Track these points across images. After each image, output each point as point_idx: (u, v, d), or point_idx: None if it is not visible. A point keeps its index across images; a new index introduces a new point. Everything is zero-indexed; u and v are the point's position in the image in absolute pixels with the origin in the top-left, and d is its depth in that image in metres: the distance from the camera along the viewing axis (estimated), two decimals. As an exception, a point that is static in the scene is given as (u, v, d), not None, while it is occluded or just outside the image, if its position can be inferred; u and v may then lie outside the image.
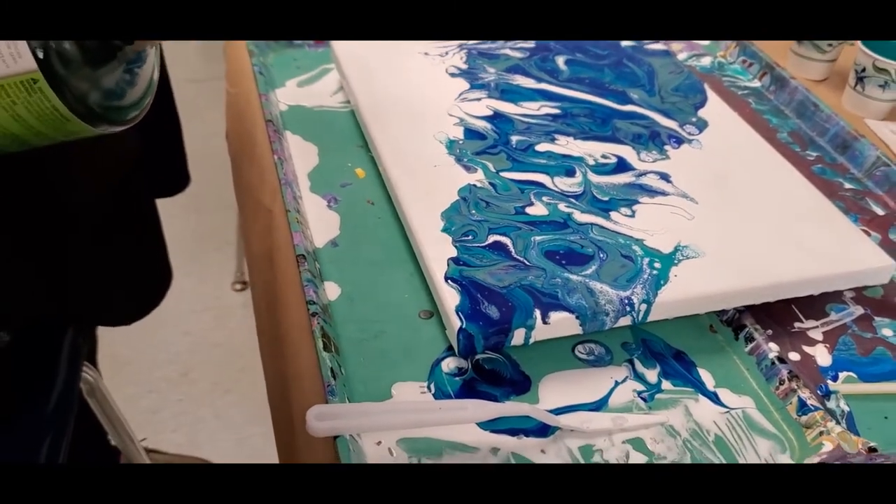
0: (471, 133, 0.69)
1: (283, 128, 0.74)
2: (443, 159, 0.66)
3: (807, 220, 0.62)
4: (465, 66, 0.78)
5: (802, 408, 0.52)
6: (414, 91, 0.74)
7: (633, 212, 0.61)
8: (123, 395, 1.10)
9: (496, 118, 0.71)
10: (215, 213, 1.75)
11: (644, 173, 0.66)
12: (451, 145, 0.67)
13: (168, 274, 0.81)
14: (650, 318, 0.54)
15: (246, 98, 0.81)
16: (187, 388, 1.50)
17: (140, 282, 0.76)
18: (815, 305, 0.60)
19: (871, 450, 0.49)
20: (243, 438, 1.42)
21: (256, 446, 1.40)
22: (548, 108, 0.73)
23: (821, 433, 0.50)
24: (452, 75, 0.77)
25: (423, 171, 0.64)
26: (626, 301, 0.54)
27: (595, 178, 0.65)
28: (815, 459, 0.49)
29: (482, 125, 0.70)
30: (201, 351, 1.57)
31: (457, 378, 0.53)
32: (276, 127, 0.72)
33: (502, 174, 0.64)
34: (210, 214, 1.77)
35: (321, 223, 0.64)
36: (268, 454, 1.40)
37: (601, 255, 0.57)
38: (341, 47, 0.79)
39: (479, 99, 0.73)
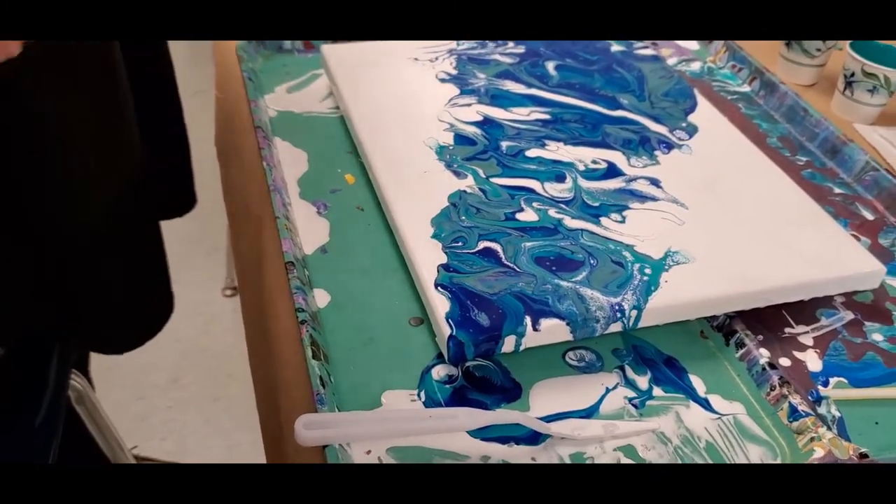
0: (461, 139, 0.69)
1: (273, 134, 0.74)
2: (433, 165, 0.65)
3: (797, 225, 0.62)
4: (455, 72, 0.78)
5: (793, 414, 0.52)
6: (404, 96, 0.74)
7: (624, 217, 0.61)
8: (112, 401, 1.09)
9: (486, 124, 0.71)
10: (205, 219, 1.74)
11: (634, 179, 0.66)
12: (441, 151, 0.67)
13: (169, 302, 0.79)
14: (641, 325, 0.54)
15: (235, 104, 0.81)
16: (177, 395, 1.49)
17: (140, 309, 0.75)
18: (805, 311, 0.60)
19: (863, 455, 0.49)
20: (233, 445, 1.41)
21: (246, 453, 1.40)
22: (538, 114, 0.73)
23: (812, 439, 0.50)
24: (442, 81, 0.77)
25: (413, 176, 0.64)
26: (617, 307, 0.53)
27: (585, 184, 0.64)
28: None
29: (472, 131, 0.70)
30: (191, 357, 1.56)
31: (447, 385, 0.52)
32: (265, 133, 0.72)
33: (492, 180, 0.64)
34: (199, 220, 1.75)
35: (311, 230, 0.63)
36: (257, 461, 1.40)
37: (592, 261, 0.57)
38: (331, 52, 0.79)
39: (469, 104, 0.73)
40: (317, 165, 0.70)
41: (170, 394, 1.49)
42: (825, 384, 0.55)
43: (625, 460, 0.49)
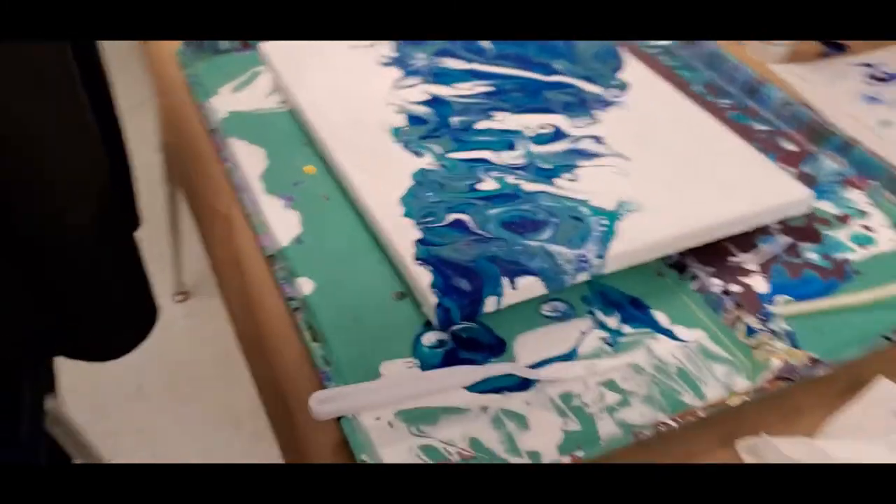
0: (413, 119, 0.72)
1: (227, 135, 0.75)
2: (391, 147, 0.69)
3: (731, 163, 0.68)
4: (395, 54, 0.81)
5: (749, 332, 0.58)
6: (350, 84, 0.77)
7: (576, 176, 0.66)
8: (80, 420, 1.09)
9: (434, 102, 0.74)
10: (146, 228, 1.73)
11: (579, 138, 0.70)
12: (396, 133, 0.70)
13: (153, 307, 0.79)
14: (605, 272, 0.59)
15: (182, 110, 0.82)
16: (143, 405, 1.50)
17: (126, 315, 0.75)
18: (747, 240, 0.66)
19: (814, 360, 0.55)
20: (207, 449, 1.43)
21: (221, 453, 1.41)
22: (481, 87, 0.77)
23: (768, 352, 0.56)
24: (385, 64, 0.80)
25: (375, 161, 0.67)
26: (582, 258, 0.58)
27: (536, 149, 0.69)
28: (767, 376, 0.55)
29: (422, 110, 0.73)
30: (151, 366, 1.56)
31: (438, 350, 0.56)
32: (220, 135, 0.74)
33: (449, 155, 0.68)
34: (141, 229, 1.74)
35: (282, 223, 0.66)
36: (234, 459, 1.41)
37: (553, 220, 0.61)
38: (270, 48, 0.81)
39: (414, 85, 0.77)
40: (276, 160, 0.73)
41: (136, 404, 1.50)
42: (773, 303, 0.61)
43: (608, 393, 0.54)
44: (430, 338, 0.57)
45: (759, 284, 0.62)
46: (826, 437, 0.52)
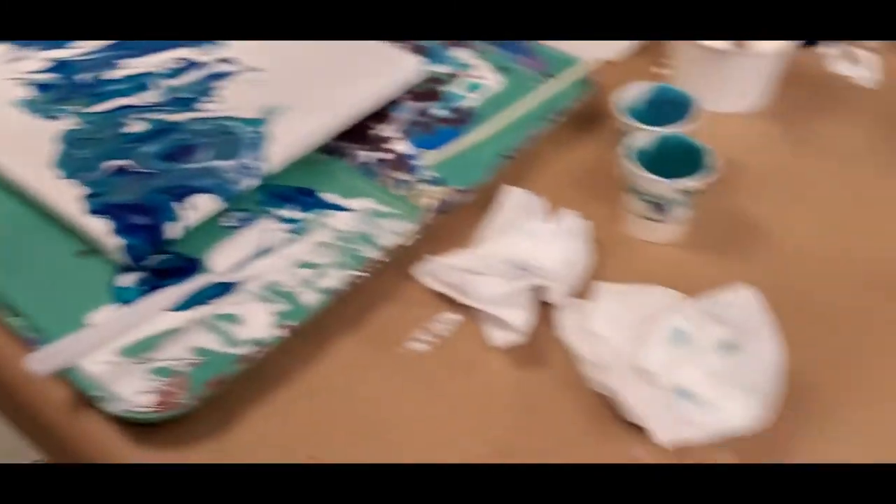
0: (41, 87, 0.71)
1: None
2: (26, 120, 0.68)
3: (353, 53, 0.76)
4: (-4, 31, 0.78)
5: (405, 186, 0.67)
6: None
7: (217, 97, 0.70)
8: None
9: (57, 67, 0.74)
10: None
11: (210, 63, 0.74)
12: (28, 104, 0.69)
13: None
14: (269, 172, 0.65)
15: None
16: None
17: None
18: (384, 113, 0.75)
19: (460, 192, 0.66)
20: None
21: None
22: (98, 41, 0.77)
23: (423, 196, 0.66)
24: (-12, 43, 0.77)
25: (14, 137, 0.67)
26: (244, 166, 0.64)
27: (173, 82, 0.72)
28: (427, 215, 0.65)
29: (48, 77, 0.73)
30: None
31: (139, 288, 0.59)
32: None
33: (90, 111, 0.69)
34: None
35: (-63, 225, 0.64)
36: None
37: (208, 140, 0.66)
38: None
39: (28, 57, 0.75)
40: None
41: None
42: (417, 158, 0.71)
43: (304, 271, 0.61)
44: (126, 280, 0.60)
45: (403, 146, 0.72)
46: (479, 243, 0.64)
